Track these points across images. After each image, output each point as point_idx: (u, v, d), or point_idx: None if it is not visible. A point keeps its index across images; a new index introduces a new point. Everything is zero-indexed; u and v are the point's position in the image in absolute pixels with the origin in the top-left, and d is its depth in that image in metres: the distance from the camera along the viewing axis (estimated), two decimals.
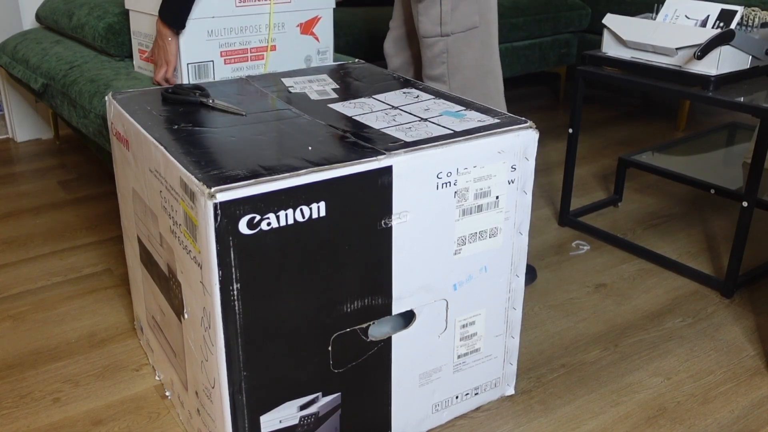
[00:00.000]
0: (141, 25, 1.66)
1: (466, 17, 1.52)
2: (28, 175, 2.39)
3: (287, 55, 1.69)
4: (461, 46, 1.53)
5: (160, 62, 1.52)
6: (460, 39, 1.53)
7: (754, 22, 1.68)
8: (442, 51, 1.53)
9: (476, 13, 1.52)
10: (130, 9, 1.68)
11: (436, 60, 1.54)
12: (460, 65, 1.54)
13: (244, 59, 1.62)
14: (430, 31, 1.52)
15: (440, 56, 1.54)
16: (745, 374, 1.40)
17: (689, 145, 2.18)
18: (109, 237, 1.94)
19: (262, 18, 1.61)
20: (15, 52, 2.19)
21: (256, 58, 1.64)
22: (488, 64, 1.57)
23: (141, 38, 1.68)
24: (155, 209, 1.12)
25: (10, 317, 1.58)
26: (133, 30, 1.70)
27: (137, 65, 1.74)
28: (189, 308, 1.06)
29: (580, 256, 1.85)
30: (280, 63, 1.69)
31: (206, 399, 1.08)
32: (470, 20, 1.52)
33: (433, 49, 1.53)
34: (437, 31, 1.52)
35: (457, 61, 1.54)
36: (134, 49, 1.73)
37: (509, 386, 1.32)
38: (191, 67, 1.55)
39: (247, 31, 1.61)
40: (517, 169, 1.13)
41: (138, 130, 1.13)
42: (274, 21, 1.64)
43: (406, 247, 1.07)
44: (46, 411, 1.29)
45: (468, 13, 1.51)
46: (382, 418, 1.18)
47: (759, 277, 1.74)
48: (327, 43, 1.75)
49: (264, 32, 1.63)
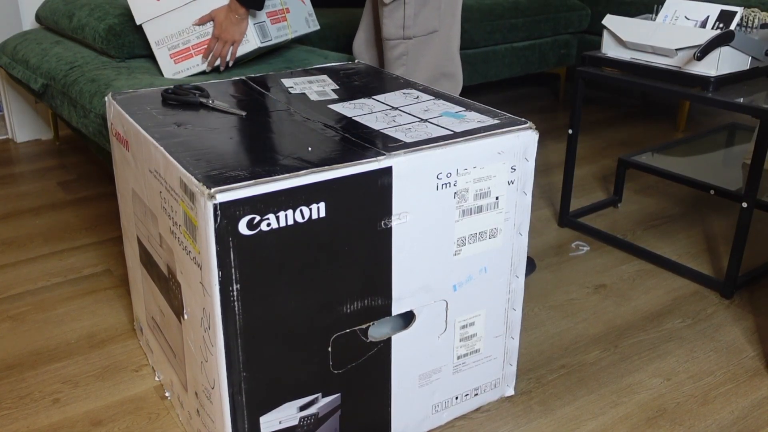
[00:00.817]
0: (167, 27, 1.68)
1: (427, 21, 1.57)
2: (28, 176, 2.39)
3: (296, 17, 1.83)
4: (421, 49, 1.59)
5: (226, 39, 1.63)
6: (420, 42, 1.59)
7: (753, 23, 1.68)
8: (403, 53, 1.59)
9: (437, 18, 1.58)
10: (145, 22, 1.69)
11: (396, 62, 1.60)
12: (418, 67, 1.60)
13: (277, 20, 1.76)
14: (393, 34, 1.57)
15: (400, 58, 1.59)
16: (744, 375, 1.40)
17: (689, 146, 2.18)
18: (108, 238, 1.94)
19: None
20: (15, 52, 2.19)
21: (282, 20, 1.79)
22: (446, 66, 1.63)
23: (173, 41, 1.70)
24: (155, 210, 1.12)
25: (9, 318, 1.58)
26: (156, 40, 1.71)
27: (172, 72, 1.74)
28: (189, 309, 1.06)
29: (580, 256, 1.85)
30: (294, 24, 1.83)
31: (206, 400, 1.08)
32: (431, 24, 1.58)
33: (394, 51, 1.59)
34: (400, 34, 1.57)
35: (415, 63, 1.60)
36: (163, 59, 1.73)
37: (509, 387, 1.32)
38: (257, 27, 1.67)
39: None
40: (516, 170, 1.13)
41: (138, 130, 1.13)
42: None
43: (405, 248, 1.07)
44: (45, 412, 1.29)
45: (429, 18, 1.57)
46: (382, 418, 1.18)
47: (759, 278, 1.74)
48: (309, 7, 1.92)
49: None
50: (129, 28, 1.87)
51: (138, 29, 1.88)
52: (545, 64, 3.00)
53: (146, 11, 1.68)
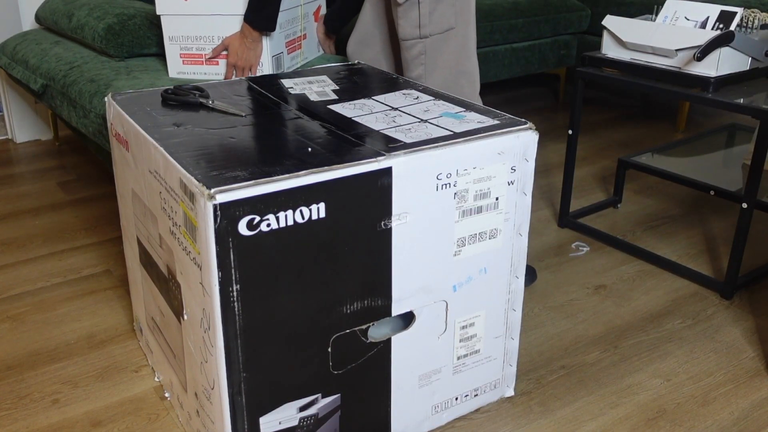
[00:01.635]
0: (186, 28, 1.67)
1: (443, 19, 1.55)
2: (28, 176, 2.39)
3: (310, 43, 1.85)
4: (438, 48, 1.57)
5: (243, 66, 1.62)
6: (438, 40, 1.56)
7: (753, 24, 1.68)
8: (421, 53, 1.57)
9: (453, 15, 1.55)
10: (163, 14, 1.67)
11: (414, 61, 1.58)
12: (437, 66, 1.58)
13: (293, 49, 1.76)
14: (409, 34, 1.55)
15: (419, 57, 1.57)
16: (744, 376, 1.40)
17: (689, 147, 2.18)
18: (108, 238, 1.94)
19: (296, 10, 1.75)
20: (15, 52, 2.19)
21: (298, 48, 1.79)
22: (464, 65, 1.61)
23: (187, 42, 1.68)
24: (155, 210, 1.12)
25: (9, 318, 1.57)
26: (171, 35, 1.69)
27: (177, 71, 1.72)
28: (188, 309, 1.06)
29: (580, 257, 1.85)
30: (306, 51, 1.84)
31: (206, 400, 1.07)
32: (447, 22, 1.56)
33: (412, 51, 1.57)
34: (416, 34, 1.55)
35: (434, 62, 1.57)
36: (172, 55, 1.71)
37: (509, 388, 1.32)
38: (274, 60, 1.66)
39: (294, 23, 1.74)
40: (516, 171, 1.13)
41: (138, 131, 1.13)
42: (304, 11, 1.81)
43: (405, 249, 1.07)
44: (45, 412, 1.29)
45: (446, 15, 1.55)
46: (382, 419, 1.17)
47: (759, 279, 1.74)
48: None
49: (297, 23, 1.77)
50: (128, 27, 1.87)
51: (138, 29, 1.88)
52: (545, 64, 3.00)
53: (170, 6, 1.66)
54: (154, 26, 1.90)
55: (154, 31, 1.90)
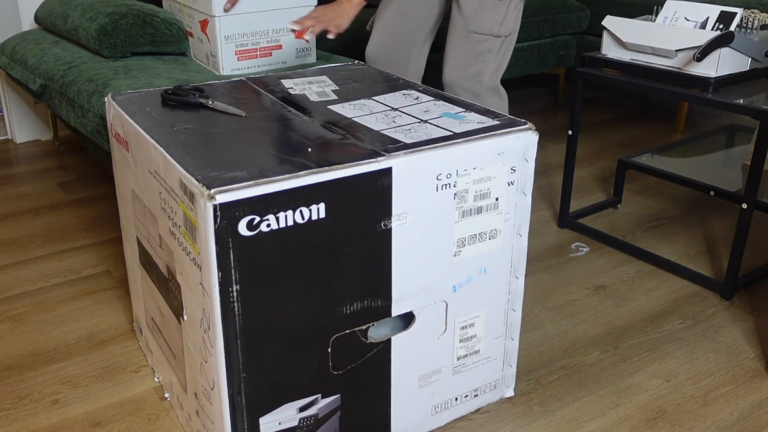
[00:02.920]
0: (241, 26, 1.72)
1: (514, 23, 1.58)
2: (27, 177, 2.39)
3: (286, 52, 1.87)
4: (501, 49, 1.59)
5: (331, 24, 1.56)
6: (505, 41, 1.59)
7: (753, 24, 1.68)
8: (488, 50, 1.56)
9: (517, 20, 1.59)
10: (221, 16, 1.71)
11: (480, 57, 1.57)
12: (496, 65, 1.60)
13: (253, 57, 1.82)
14: (488, 29, 1.54)
15: (484, 54, 1.57)
16: (744, 376, 1.39)
17: (689, 147, 2.18)
18: (108, 238, 1.94)
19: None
20: (14, 53, 2.19)
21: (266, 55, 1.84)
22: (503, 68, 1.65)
23: (243, 39, 1.74)
24: (155, 211, 1.12)
25: (8, 318, 1.57)
26: (227, 35, 1.73)
27: (231, 68, 1.76)
28: (188, 310, 1.05)
29: (580, 257, 1.85)
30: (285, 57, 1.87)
31: (205, 400, 1.07)
32: (515, 26, 1.59)
33: (480, 46, 1.56)
34: (494, 31, 1.55)
35: (495, 60, 1.59)
36: (227, 53, 1.74)
37: (509, 388, 1.32)
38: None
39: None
40: (516, 171, 1.13)
41: (137, 131, 1.13)
42: None
43: (405, 249, 1.07)
44: (44, 412, 1.29)
45: (516, 20, 1.59)
46: (382, 419, 1.17)
47: (758, 279, 1.74)
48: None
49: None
50: (120, 27, 1.86)
51: (130, 27, 1.87)
52: (544, 65, 3.00)
53: None
54: (147, 24, 1.88)
55: (147, 30, 1.88)
